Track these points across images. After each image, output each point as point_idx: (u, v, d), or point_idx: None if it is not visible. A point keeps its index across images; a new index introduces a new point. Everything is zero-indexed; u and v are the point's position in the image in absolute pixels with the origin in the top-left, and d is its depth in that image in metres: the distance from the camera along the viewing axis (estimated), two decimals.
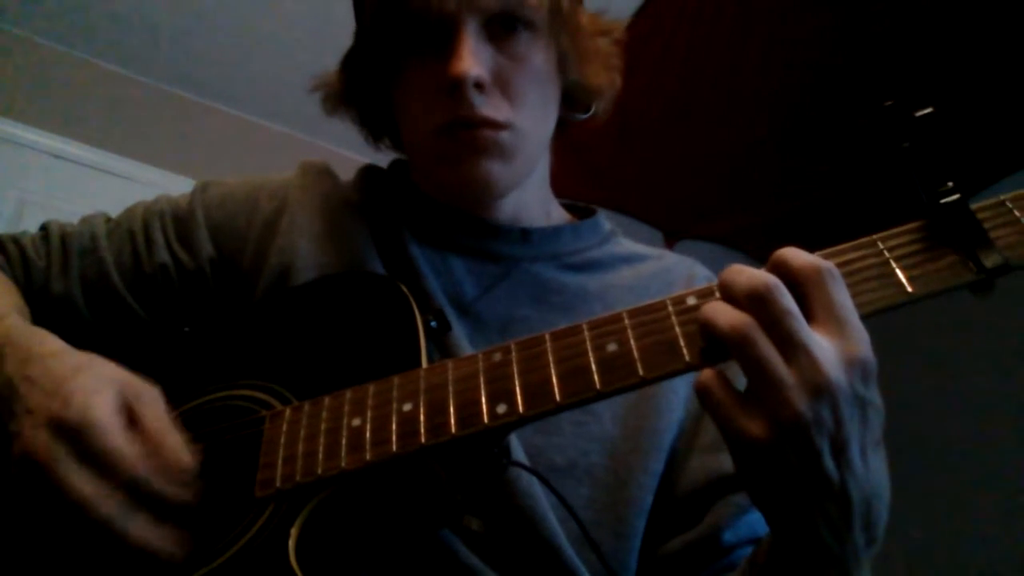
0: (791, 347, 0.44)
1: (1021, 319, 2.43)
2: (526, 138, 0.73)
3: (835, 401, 0.44)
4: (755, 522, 0.69)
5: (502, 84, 0.71)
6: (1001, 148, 2.60)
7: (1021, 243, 0.46)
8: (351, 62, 0.81)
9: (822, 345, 0.44)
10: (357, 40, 0.80)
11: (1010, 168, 2.58)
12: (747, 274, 0.47)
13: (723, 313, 0.46)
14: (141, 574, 0.54)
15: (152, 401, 0.59)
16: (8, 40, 2.44)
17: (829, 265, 0.47)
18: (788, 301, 0.45)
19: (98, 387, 0.56)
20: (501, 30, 0.71)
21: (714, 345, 0.47)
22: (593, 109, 0.83)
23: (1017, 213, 0.48)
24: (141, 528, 0.53)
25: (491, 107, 0.69)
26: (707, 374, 0.47)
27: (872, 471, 0.46)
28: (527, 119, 0.73)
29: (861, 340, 0.45)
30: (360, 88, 0.81)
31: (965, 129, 2.38)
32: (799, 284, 0.47)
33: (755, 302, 0.45)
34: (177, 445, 0.57)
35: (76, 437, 0.53)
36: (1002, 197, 0.48)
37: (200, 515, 0.57)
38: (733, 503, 0.67)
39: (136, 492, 0.53)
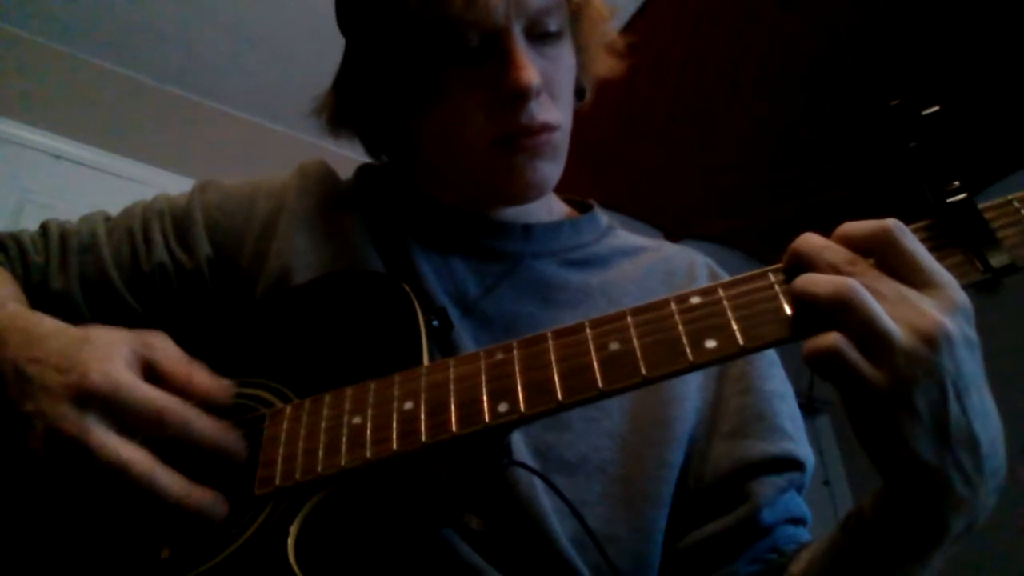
0: (898, 301, 0.44)
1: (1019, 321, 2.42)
2: (568, 135, 0.75)
3: (951, 346, 0.43)
4: (791, 501, 0.69)
5: (548, 87, 0.71)
6: (1006, 145, 2.60)
7: None
8: (348, 80, 0.80)
9: (924, 298, 0.44)
10: (356, 58, 0.78)
11: (1015, 165, 2.58)
12: (829, 244, 0.47)
13: (821, 281, 0.46)
14: (173, 542, 0.55)
15: (164, 345, 0.60)
16: (8, 40, 2.44)
17: (894, 221, 0.47)
18: (878, 263, 0.46)
19: (109, 351, 0.57)
20: (538, 33, 0.70)
21: (807, 315, 0.46)
22: (586, 95, 0.84)
23: None
24: (180, 484, 0.54)
25: (545, 111, 0.70)
26: (830, 336, 0.45)
27: (991, 412, 0.46)
28: (567, 116, 0.74)
29: (954, 286, 0.45)
30: (361, 106, 0.80)
31: (971, 126, 2.38)
32: (874, 250, 0.46)
33: (849, 267, 0.46)
34: (205, 376, 0.59)
35: (106, 403, 0.54)
36: (1009, 197, 0.48)
37: (232, 474, 0.57)
38: (768, 483, 0.67)
39: (179, 442, 0.54)
